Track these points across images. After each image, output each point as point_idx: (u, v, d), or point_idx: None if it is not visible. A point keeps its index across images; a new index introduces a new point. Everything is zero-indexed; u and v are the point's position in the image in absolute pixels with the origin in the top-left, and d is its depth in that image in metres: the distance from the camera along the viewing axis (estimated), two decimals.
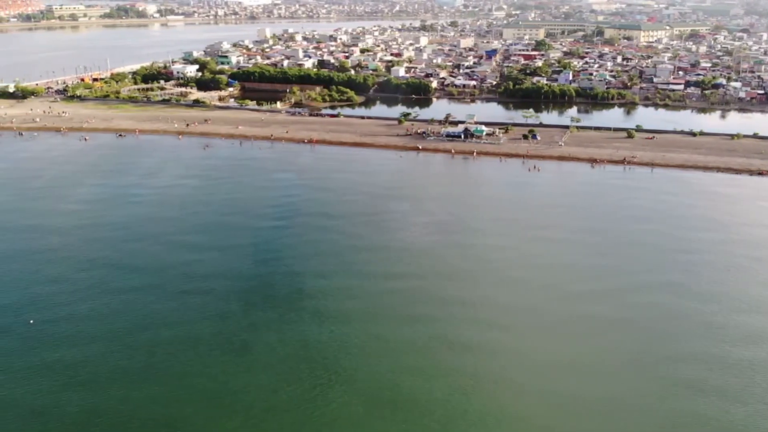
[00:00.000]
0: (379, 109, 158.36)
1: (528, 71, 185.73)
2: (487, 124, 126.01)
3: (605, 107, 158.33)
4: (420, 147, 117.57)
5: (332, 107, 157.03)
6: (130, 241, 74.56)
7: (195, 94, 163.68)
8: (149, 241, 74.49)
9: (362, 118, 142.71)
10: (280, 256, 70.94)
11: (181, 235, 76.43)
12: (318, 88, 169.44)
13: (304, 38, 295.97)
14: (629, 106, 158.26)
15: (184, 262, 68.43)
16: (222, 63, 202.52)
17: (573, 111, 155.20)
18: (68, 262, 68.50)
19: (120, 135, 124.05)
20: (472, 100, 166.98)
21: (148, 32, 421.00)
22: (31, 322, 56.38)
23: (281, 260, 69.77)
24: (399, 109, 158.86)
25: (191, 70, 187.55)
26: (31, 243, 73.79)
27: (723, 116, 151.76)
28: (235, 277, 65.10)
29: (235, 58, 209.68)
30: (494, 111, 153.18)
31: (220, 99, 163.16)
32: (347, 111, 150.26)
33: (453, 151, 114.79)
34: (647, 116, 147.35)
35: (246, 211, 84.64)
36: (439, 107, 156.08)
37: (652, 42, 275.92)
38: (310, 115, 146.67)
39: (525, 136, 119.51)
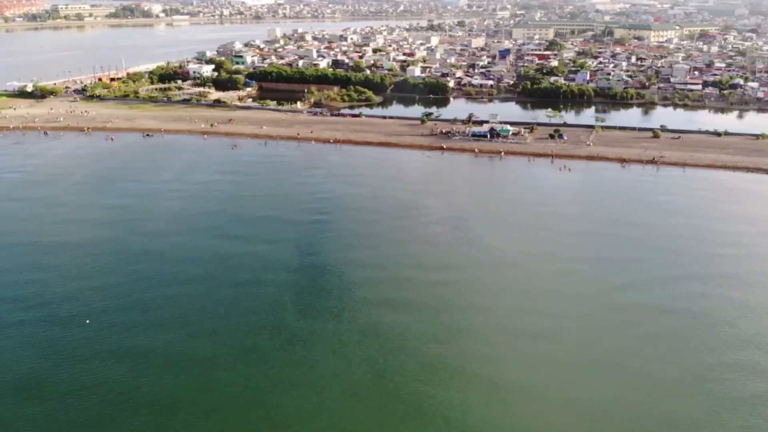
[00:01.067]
0: (400, 109, 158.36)
1: (544, 71, 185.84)
2: (511, 123, 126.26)
3: (624, 107, 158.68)
4: (445, 146, 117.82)
5: (351, 107, 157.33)
6: (179, 234, 75.72)
7: (214, 94, 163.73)
8: (198, 234, 75.72)
9: (384, 117, 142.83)
10: (326, 248, 72.35)
11: (227, 228, 77.69)
12: (335, 88, 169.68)
13: (314, 38, 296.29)
14: (647, 106, 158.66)
15: (234, 254, 69.61)
16: (237, 63, 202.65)
17: (591, 111, 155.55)
18: (122, 254, 69.81)
19: (147, 135, 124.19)
20: (490, 100, 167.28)
21: (155, 32, 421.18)
22: (87, 321, 56.42)
23: (327, 252, 71.11)
24: (417, 109, 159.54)
25: (207, 70, 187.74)
26: (82, 235, 75.03)
27: (742, 116, 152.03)
28: (285, 269, 66.18)
29: (250, 58, 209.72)
30: (512, 110, 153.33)
31: (240, 99, 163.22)
32: (368, 111, 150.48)
33: (477, 150, 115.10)
34: (667, 116, 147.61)
35: (286, 207, 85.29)
36: (457, 107, 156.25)
37: (663, 42, 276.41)
38: (332, 115, 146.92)
39: (551, 136, 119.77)
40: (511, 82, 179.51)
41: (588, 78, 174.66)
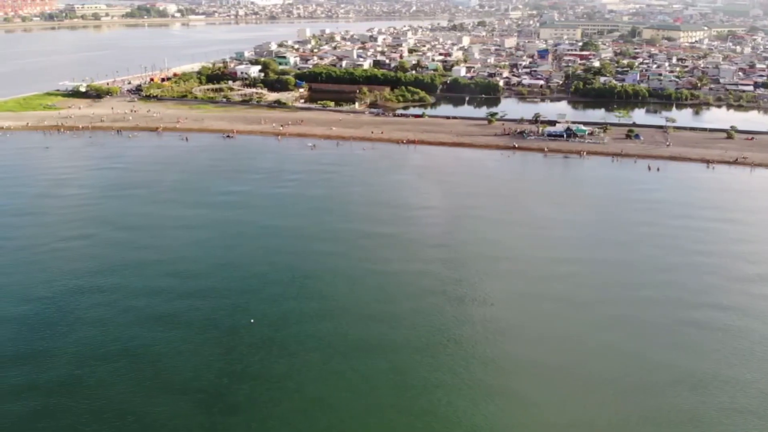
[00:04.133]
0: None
1: (593, 71, 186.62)
2: (584, 123, 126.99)
3: (678, 108, 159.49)
4: (521, 146, 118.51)
5: (405, 108, 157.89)
6: (315, 226, 78.27)
7: (270, 95, 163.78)
8: (339, 228, 78.04)
9: (447, 118, 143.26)
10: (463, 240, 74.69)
11: (366, 223, 79.73)
12: (386, 89, 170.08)
13: (342, 38, 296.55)
14: (699, 107, 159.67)
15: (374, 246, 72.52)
16: (280, 63, 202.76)
17: (641, 111, 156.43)
18: (270, 248, 71.98)
19: (228, 136, 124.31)
20: (542, 100, 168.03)
21: (172, 32, 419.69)
22: (252, 321, 56.72)
23: (467, 244, 73.88)
24: (466, 109, 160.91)
25: (254, 71, 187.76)
26: (224, 229, 76.99)
27: None
28: (427, 260, 68.85)
29: (293, 59, 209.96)
30: (565, 110, 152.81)
31: (295, 100, 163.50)
32: (430, 111, 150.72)
33: (546, 149, 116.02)
34: (721, 116, 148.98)
35: (404, 205, 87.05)
36: (509, 107, 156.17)
37: (693, 43, 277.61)
38: (393, 115, 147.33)
39: (628, 136, 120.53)
40: (560, 82, 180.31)
41: (638, 78, 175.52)
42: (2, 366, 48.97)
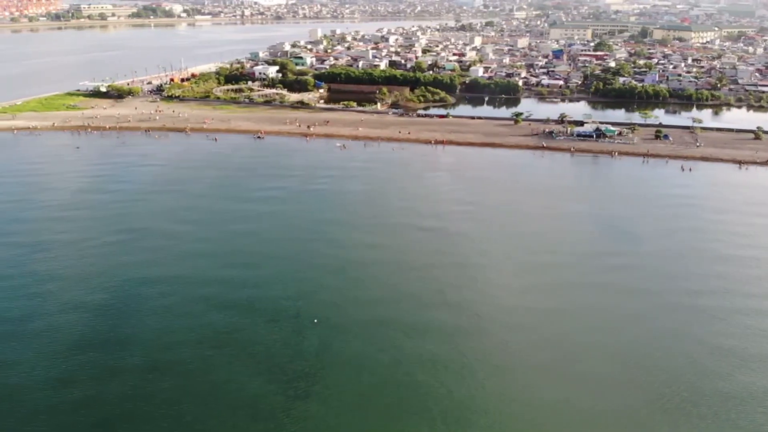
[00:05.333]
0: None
1: (611, 71, 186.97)
2: (611, 124, 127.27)
3: (698, 108, 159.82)
4: (546, 145, 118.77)
5: (426, 108, 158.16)
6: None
7: (292, 95, 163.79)
8: (388, 223, 79.80)
9: (472, 118, 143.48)
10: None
11: (414, 217, 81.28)
12: (406, 89, 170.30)
13: (353, 38, 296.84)
14: (719, 108, 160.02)
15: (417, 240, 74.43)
16: (297, 64, 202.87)
17: (661, 112, 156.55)
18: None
19: (258, 137, 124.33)
20: (562, 100, 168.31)
21: (179, 32, 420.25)
22: (315, 321, 56.96)
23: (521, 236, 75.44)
24: (486, 109, 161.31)
25: (272, 71, 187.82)
26: (272, 222, 79.07)
27: None
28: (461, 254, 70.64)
29: (309, 59, 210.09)
30: (585, 111, 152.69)
31: (317, 100, 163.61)
32: (452, 111, 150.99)
33: (572, 149, 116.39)
34: (742, 117, 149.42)
35: (446, 200, 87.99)
36: (529, 107, 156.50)
37: (705, 43, 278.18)
38: (417, 115, 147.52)
39: (657, 137, 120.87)
40: (579, 83, 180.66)
41: (657, 79, 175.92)
42: (91, 349, 50.93)
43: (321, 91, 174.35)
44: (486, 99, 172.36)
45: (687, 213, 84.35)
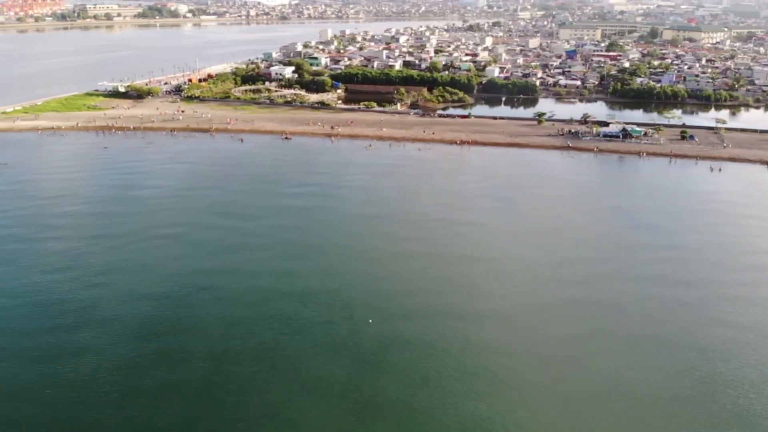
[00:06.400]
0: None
1: (628, 72, 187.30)
2: (636, 124, 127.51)
3: (716, 108, 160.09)
4: (572, 146, 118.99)
5: (444, 108, 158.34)
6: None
7: (311, 96, 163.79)
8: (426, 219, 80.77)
9: (494, 118, 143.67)
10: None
11: (450, 213, 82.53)
12: (424, 89, 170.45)
13: (364, 39, 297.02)
14: (737, 108, 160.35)
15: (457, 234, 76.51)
16: (312, 64, 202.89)
17: (679, 112, 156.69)
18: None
19: (286, 138, 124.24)
20: (580, 100, 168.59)
21: (185, 32, 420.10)
22: (370, 321, 57.07)
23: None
24: (503, 109, 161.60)
25: (288, 72, 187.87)
26: (315, 216, 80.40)
27: None
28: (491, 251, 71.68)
29: (324, 60, 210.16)
30: (602, 111, 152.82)
31: (335, 101, 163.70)
32: (475, 111, 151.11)
33: (596, 149, 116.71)
34: (761, 117, 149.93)
35: (473, 197, 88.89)
36: (549, 107, 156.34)
37: (716, 44, 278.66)
38: (438, 116, 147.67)
39: (683, 137, 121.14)
40: (596, 83, 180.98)
41: (674, 79, 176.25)
42: (160, 336, 52.33)
43: (339, 91, 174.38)
44: (503, 99, 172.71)
45: (721, 209, 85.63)
